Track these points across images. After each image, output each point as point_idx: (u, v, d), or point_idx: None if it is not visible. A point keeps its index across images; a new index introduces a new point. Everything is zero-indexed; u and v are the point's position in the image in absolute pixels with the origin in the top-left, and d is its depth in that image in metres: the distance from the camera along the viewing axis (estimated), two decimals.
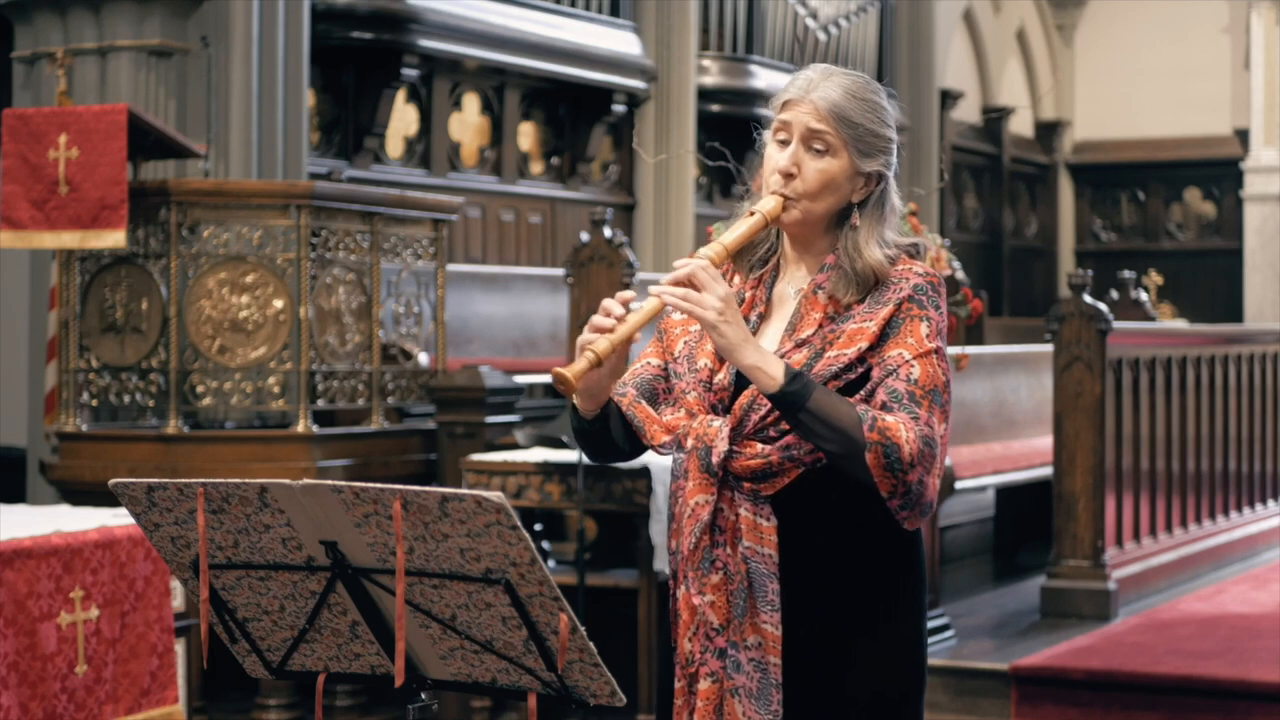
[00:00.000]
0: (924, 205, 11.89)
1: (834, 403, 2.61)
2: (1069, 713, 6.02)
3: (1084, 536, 7.13)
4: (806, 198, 2.71)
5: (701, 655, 2.69)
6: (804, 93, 2.72)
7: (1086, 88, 17.74)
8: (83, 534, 4.42)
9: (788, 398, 2.60)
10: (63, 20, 7.99)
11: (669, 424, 2.74)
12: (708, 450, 2.67)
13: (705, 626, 2.69)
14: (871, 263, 2.70)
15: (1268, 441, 9.25)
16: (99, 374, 6.72)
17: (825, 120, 2.70)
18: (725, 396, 2.72)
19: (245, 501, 2.46)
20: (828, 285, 2.73)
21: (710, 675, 2.69)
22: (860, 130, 2.72)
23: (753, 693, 2.66)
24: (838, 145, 2.71)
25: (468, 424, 6.92)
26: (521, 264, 10.52)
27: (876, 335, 2.67)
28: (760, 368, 2.61)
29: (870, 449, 2.58)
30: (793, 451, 2.66)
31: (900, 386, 2.63)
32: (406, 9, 9.39)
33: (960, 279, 7.84)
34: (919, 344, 2.66)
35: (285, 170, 8.06)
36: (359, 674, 2.62)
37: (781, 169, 2.71)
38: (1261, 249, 16.39)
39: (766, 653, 2.65)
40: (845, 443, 2.59)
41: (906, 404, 2.62)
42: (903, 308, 2.68)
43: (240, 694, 6.47)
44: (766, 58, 12.38)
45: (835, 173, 2.71)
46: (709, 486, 2.67)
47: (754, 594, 2.66)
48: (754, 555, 2.66)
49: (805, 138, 2.71)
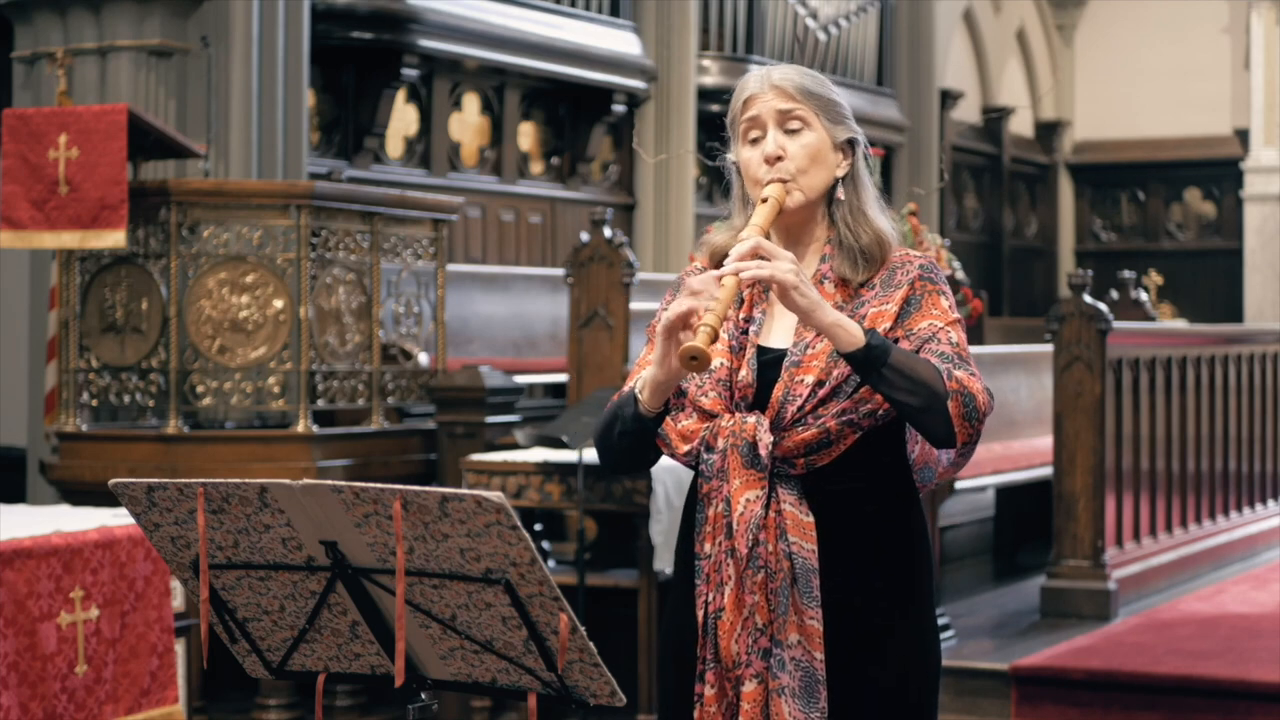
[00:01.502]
0: (924, 205, 11.90)
1: (912, 358, 2.64)
2: (1069, 713, 6.02)
3: (1084, 536, 7.13)
4: (800, 174, 2.74)
5: (747, 656, 2.68)
6: (762, 84, 2.77)
7: (1086, 88, 17.74)
8: (83, 534, 4.42)
9: (873, 353, 2.61)
10: (63, 20, 7.99)
11: (685, 431, 2.73)
12: (751, 445, 2.66)
13: (751, 629, 2.68)
14: (877, 230, 2.76)
15: (1268, 441, 9.25)
16: (99, 374, 6.72)
17: (792, 98, 2.75)
18: (749, 394, 2.72)
19: (245, 501, 2.46)
20: (832, 272, 2.75)
21: (755, 676, 2.67)
22: (823, 100, 2.77)
23: (797, 692, 2.65)
24: (810, 117, 2.76)
25: (468, 424, 6.92)
26: (521, 264, 10.52)
27: (896, 315, 2.71)
28: (841, 325, 2.62)
29: (952, 398, 2.62)
30: (848, 416, 2.67)
31: (947, 349, 2.69)
32: (406, 9, 9.39)
33: (960, 279, 7.85)
34: (944, 314, 2.73)
35: (285, 170, 8.06)
36: (359, 674, 2.62)
37: (768, 155, 2.74)
38: (1261, 249, 16.40)
39: (810, 649, 2.65)
40: (927, 395, 2.62)
41: (959, 362, 2.68)
42: (916, 286, 2.73)
43: (240, 694, 6.47)
44: (766, 58, 12.37)
45: (817, 144, 2.76)
46: (758, 482, 2.67)
47: (798, 590, 2.66)
48: (799, 551, 2.66)
49: (779, 121, 2.75)
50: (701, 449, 2.71)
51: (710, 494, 2.71)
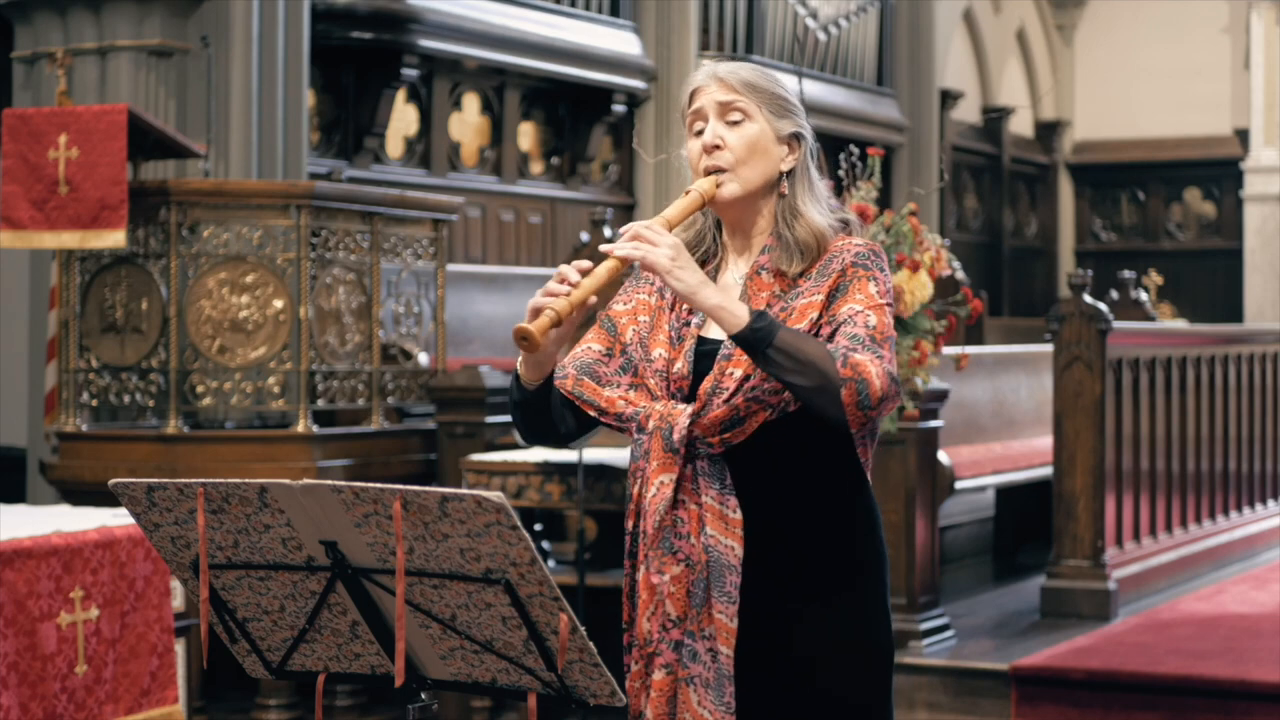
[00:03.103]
0: (924, 205, 11.88)
1: (802, 339, 2.64)
2: (1069, 713, 6.02)
3: (1084, 536, 7.13)
4: (738, 164, 2.76)
5: (658, 643, 2.72)
6: (706, 78, 2.81)
7: (1086, 88, 17.74)
8: (83, 534, 4.42)
9: (756, 333, 2.61)
10: (63, 20, 7.99)
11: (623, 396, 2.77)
12: (670, 429, 2.70)
13: (663, 615, 2.71)
14: (812, 225, 2.76)
15: (1268, 441, 9.25)
16: (99, 374, 6.72)
17: (733, 90, 2.78)
18: (684, 385, 2.75)
19: (245, 501, 2.46)
20: (770, 263, 2.77)
21: (665, 667, 2.72)
22: (766, 94, 2.79)
23: (708, 683, 2.69)
24: (752, 110, 2.78)
25: (468, 424, 6.92)
26: (521, 264, 10.52)
27: (824, 303, 2.71)
28: (724, 307, 2.64)
29: (845, 385, 2.60)
30: (757, 393, 2.68)
31: (860, 331, 2.67)
32: (406, 9, 9.39)
33: (960, 279, 7.84)
34: (869, 299, 2.70)
35: (285, 170, 8.06)
36: (359, 674, 2.62)
37: (706, 144, 2.77)
38: (1261, 249, 16.39)
39: (718, 644, 2.68)
40: (817, 376, 2.61)
41: (870, 345, 2.65)
42: (848, 272, 2.72)
43: (240, 694, 6.47)
44: (766, 58, 12.37)
45: (756, 135, 2.77)
46: (672, 465, 2.70)
47: (712, 585, 2.69)
48: (717, 545, 2.69)
49: (720, 112, 2.78)
50: (634, 428, 2.76)
51: (635, 473, 2.78)
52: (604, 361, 2.84)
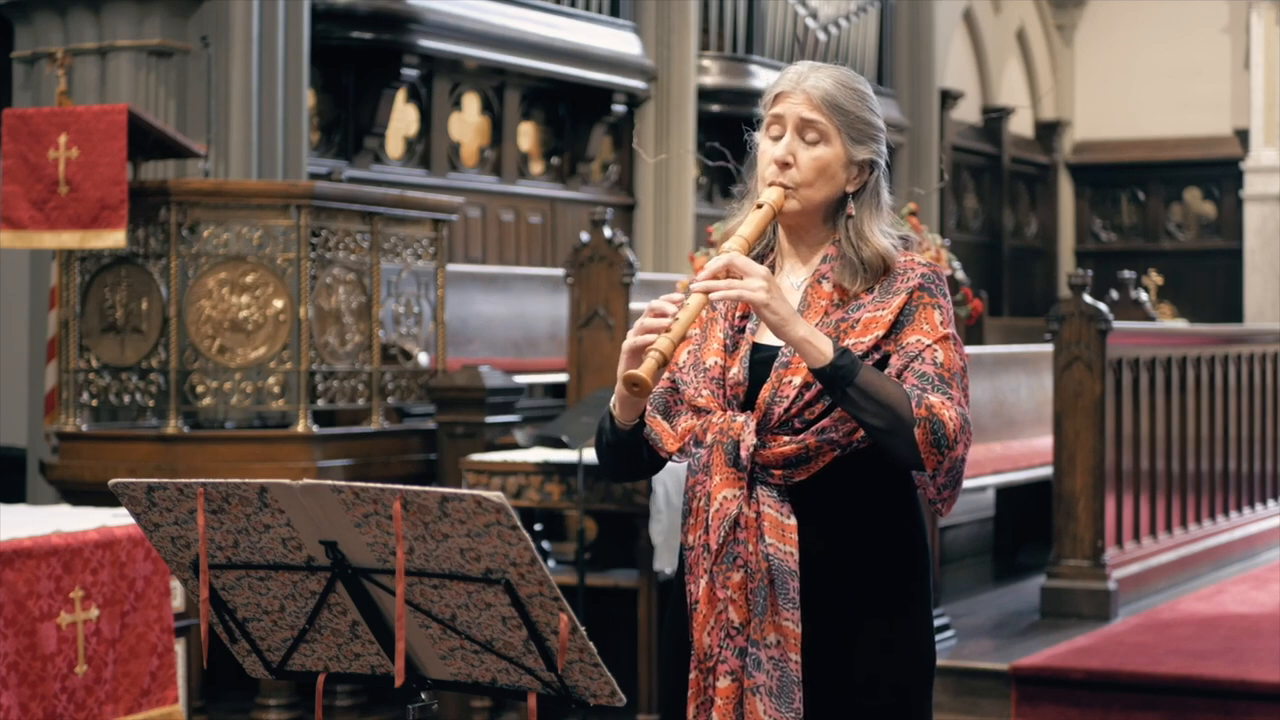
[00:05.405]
0: (924, 205, 11.88)
1: (881, 379, 2.64)
2: (1069, 713, 6.02)
3: (1084, 536, 7.13)
4: (804, 186, 2.75)
5: (720, 651, 2.70)
6: (795, 84, 2.77)
7: (1086, 88, 17.74)
8: (83, 534, 4.42)
9: (838, 371, 2.61)
10: (63, 20, 7.99)
11: (680, 432, 2.76)
12: (735, 444, 2.68)
13: (726, 624, 2.70)
14: (879, 249, 2.75)
15: (1268, 441, 9.25)
16: (99, 374, 6.72)
17: (818, 109, 2.74)
18: (740, 392, 2.74)
19: (245, 501, 2.46)
20: (832, 275, 2.76)
21: (730, 674, 2.70)
22: (851, 117, 2.76)
23: (773, 691, 2.67)
24: (831, 133, 2.75)
25: (468, 424, 6.92)
26: (521, 264, 10.52)
27: (890, 323, 2.70)
28: (810, 341, 2.63)
29: (919, 425, 2.61)
30: (829, 434, 2.68)
31: (929, 370, 2.67)
32: (406, 9, 9.39)
33: (960, 279, 7.84)
34: (935, 329, 2.70)
35: (285, 170, 8.06)
36: (359, 674, 2.62)
37: (777, 159, 2.75)
38: (1261, 249, 16.39)
39: (787, 650, 2.67)
40: (892, 419, 2.62)
41: (939, 385, 2.66)
42: (914, 296, 2.72)
43: (240, 694, 6.47)
44: (766, 58, 12.37)
45: (830, 160, 2.75)
46: (737, 481, 2.69)
47: (775, 591, 2.67)
48: (776, 553, 2.67)
49: (799, 128, 2.75)
50: (691, 443, 2.74)
51: (695, 487, 2.76)
52: (673, 390, 2.82)
